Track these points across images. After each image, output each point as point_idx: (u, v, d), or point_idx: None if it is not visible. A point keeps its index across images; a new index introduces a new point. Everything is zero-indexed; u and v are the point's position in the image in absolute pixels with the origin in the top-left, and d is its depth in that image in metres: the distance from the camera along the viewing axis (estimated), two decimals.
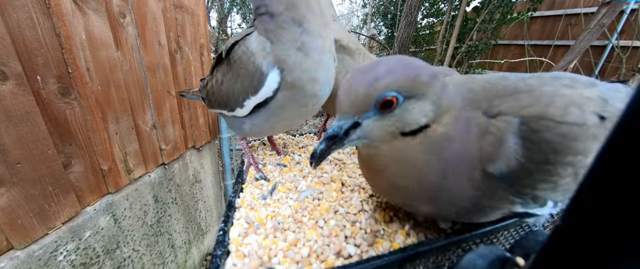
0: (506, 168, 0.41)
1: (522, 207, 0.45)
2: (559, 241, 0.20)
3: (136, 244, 1.42)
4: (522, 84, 0.47)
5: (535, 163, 0.40)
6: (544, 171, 0.40)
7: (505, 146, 0.41)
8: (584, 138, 0.39)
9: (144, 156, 1.43)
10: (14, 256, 0.89)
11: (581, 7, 3.33)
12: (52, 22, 0.92)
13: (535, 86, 0.46)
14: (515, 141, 0.40)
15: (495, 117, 0.43)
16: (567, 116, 0.40)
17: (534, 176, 0.41)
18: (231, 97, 0.77)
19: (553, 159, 0.39)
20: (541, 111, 0.41)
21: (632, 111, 0.14)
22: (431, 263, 0.51)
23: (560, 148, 0.39)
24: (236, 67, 0.74)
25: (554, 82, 0.46)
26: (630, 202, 0.15)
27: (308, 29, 0.65)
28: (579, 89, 0.45)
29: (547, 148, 0.39)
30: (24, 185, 0.88)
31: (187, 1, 1.70)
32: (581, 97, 0.43)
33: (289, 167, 0.88)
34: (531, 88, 0.45)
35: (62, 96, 0.97)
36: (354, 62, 0.96)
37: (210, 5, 5.58)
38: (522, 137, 0.40)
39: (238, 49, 0.73)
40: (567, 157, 0.39)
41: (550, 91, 0.44)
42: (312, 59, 0.68)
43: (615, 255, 0.16)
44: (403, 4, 4.20)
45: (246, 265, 0.51)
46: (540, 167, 0.40)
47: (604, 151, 0.16)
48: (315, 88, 0.71)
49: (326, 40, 0.69)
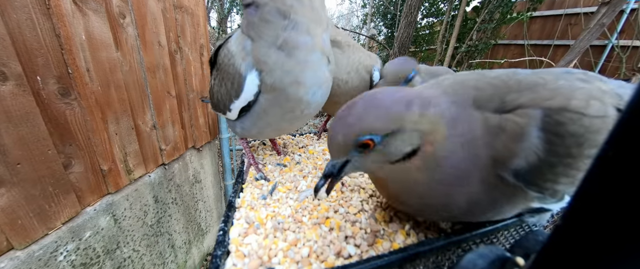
0: (526, 164, 0.40)
1: (540, 202, 0.45)
2: (559, 241, 0.20)
3: (136, 244, 1.42)
4: (537, 78, 0.46)
5: (558, 156, 0.39)
6: (566, 164, 0.40)
7: (527, 140, 0.40)
8: (605, 131, 0.39)
9: (144, 156, 1.43)
10: (14, 256, 0.89)
11: (581, 7, 3.33)
12: (52, 22, 0.92)
13: (551, 80, 0.45)
14: (537, 134, 0.40)
15: (512, 112, 0.42)
16: (589, 108, 0.40)
17: (556, 170, 0.40)
18: (221, 101, 0.76)
19: (576, 152, 0.39)
20: (564, 103, 0.40)
21: (632, 110, 0.14)
22: (431, 263, 0.51)
23: (583, 141, 0.39)
24: (222, 70, 0.71)
25: (569, 77, 0.46)
26: (629, 202, 0.15)
27: (296, 21, 0.58)
28: (595, 83, 0.45)
29: (571, 141, 0.39)
30: (24, 185, 0.88)
31: (187, 1, 1.70)
32: (599, 90, 0.43)
33: (289, 167, 0.88)
34: (547, 82, 0.45)
35: (62, 96, 0.97)
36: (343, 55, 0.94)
37: (210, 5, 5.58)
38: (545, 129, 0.39)
39: (221, 51, 0.70)
40: (590, 150, 0.39)
41: (568, 85, 0.43)
42: (296, 59, 0.60)
43: (615, 255, 0.16)
44: (403, 4, 4.19)
45: (246, 265, 0.51)
46: (563, 161, 0.40)
47: (604, 151, 0.16)
48: (300, 92, 0.64)
49: (317, 37, 0.62)
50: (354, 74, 0.96)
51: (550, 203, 0.45)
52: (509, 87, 0.46)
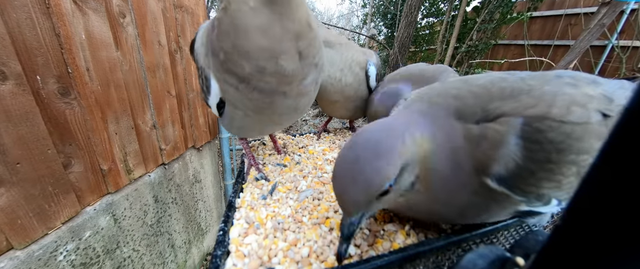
0: (505, 171, 0.41)
1: (527, 205, 0.45)
2: (559, 241, 0.20)
3: (136, 244, 1.42)
4: (522, 85, 0.46)
5: (537, 163, 0.40)
6: (547, 170, 0.40)
7: (505, 147, 0.41)
8: (587, 137, 0.39)
9: (143, 156, 1.42)
10: (14, 256, 0.89)
11: (581, 7, 3.33)
12: (52, 22, 0.91)
13: (536, 85, 0.45)
14: (516, 142, 0.40)
15: (495, 120, 0.43)
16: (569, 115, 0.40)
17: (537, 175, 0.41)
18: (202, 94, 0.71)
19: (556, 158, 0.39)
20: (544, 111, 0.40)
21: (632, 110, 0.14)
22: (431, 263, 0.51)
23: (563, 147, 0.39)
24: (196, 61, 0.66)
25: (556, 81, 0.46)
26: (629, 202, 0.15)
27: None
28: (582, 87, 0.45)
29: (550, 148, 0.39)
30: (23, 185, 0.88)
31: (187, 1, 1.70)
32: (584, 95, 0.43)
33: (289, 167, 0.88)
34: (532, 88, 0.45)
35: (61, 95, 0.97)
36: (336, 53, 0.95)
37: (210, 5, 5.57)
38: (523, 137, 0.40)
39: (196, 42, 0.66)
40: (570, 156, 0.39)
41: (552, 91, 0.44)
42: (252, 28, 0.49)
43: (615, 255, 0.16)
44: (403, 4, 4.20)
45: (246, 265, 0.51)
46: (543, 167, 0.40)
47: (604, 151, 0.16)
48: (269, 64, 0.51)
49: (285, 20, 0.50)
50: (347, 71, 0.97)
51: (538, 207, 0.46)
52: (492, 95, 0.46)
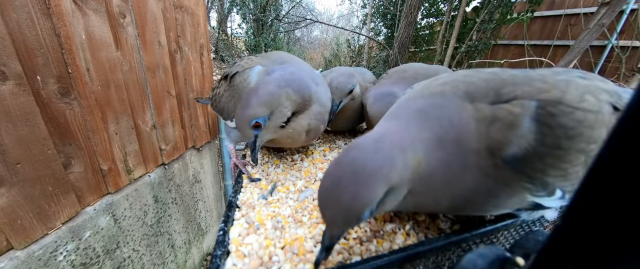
0: (519, 151, 0.41)
1: (531, 194, 0.45)
2: (559, 241, 0.20)
3: (136, 244, 1.42)
4: (534, 74, 0.47)
5: (547, 147, 0.40)
6: (555, 156, 0.40)
7: (519, 128, 0.41)
8: (598, 126, 0.39)
9: (143, 156, 1.42)
10: (14, 256, 0.89)
11: (581, 7, 3.33)
12: (52, 22, 0.92)
13: (548, 75, 0.46)
14: (529, 124, 0.40)
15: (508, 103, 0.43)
16: (583, 102, 0.40)
17: (545, 160, 0.41)
18: (225, 110, 0.89)
19: (566, 144, 0.39)
20: (558, 96, 0.41)
21: (632, 110, 0.14)
22: (431, 263, 0.51)
23: (574, 134, 0.39)
24: (236, 88, 0.84)
25: (567, 73, 0.47)
26: (630, 202, 0.15)
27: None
28: (594, 80, 0.45)
29: (562, 133, 0.39)
30: (23, 185, 0.88)
31: (187, 1, 1.70)
32: (596, 87, 0.43)
33: (289, 168, 0.88)
34: (544, 76, 0.46)
35: (62, 96, 0.97)
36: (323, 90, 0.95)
37: (210, 5, 5.57)
38: (537, 120, 0.40)
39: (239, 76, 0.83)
40: (580, 144, 0.39)
41: (565, 79, 0.44)
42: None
43: (615, 255, 0.16)
44: (403, 4, 4.20)
45: (246, 265, 0.51)
46: (552, 152, 0.40)
47: (604, 151, 0.16)
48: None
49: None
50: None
51: (543, 197, 0.46)
52: (504, 80, 0.47)
